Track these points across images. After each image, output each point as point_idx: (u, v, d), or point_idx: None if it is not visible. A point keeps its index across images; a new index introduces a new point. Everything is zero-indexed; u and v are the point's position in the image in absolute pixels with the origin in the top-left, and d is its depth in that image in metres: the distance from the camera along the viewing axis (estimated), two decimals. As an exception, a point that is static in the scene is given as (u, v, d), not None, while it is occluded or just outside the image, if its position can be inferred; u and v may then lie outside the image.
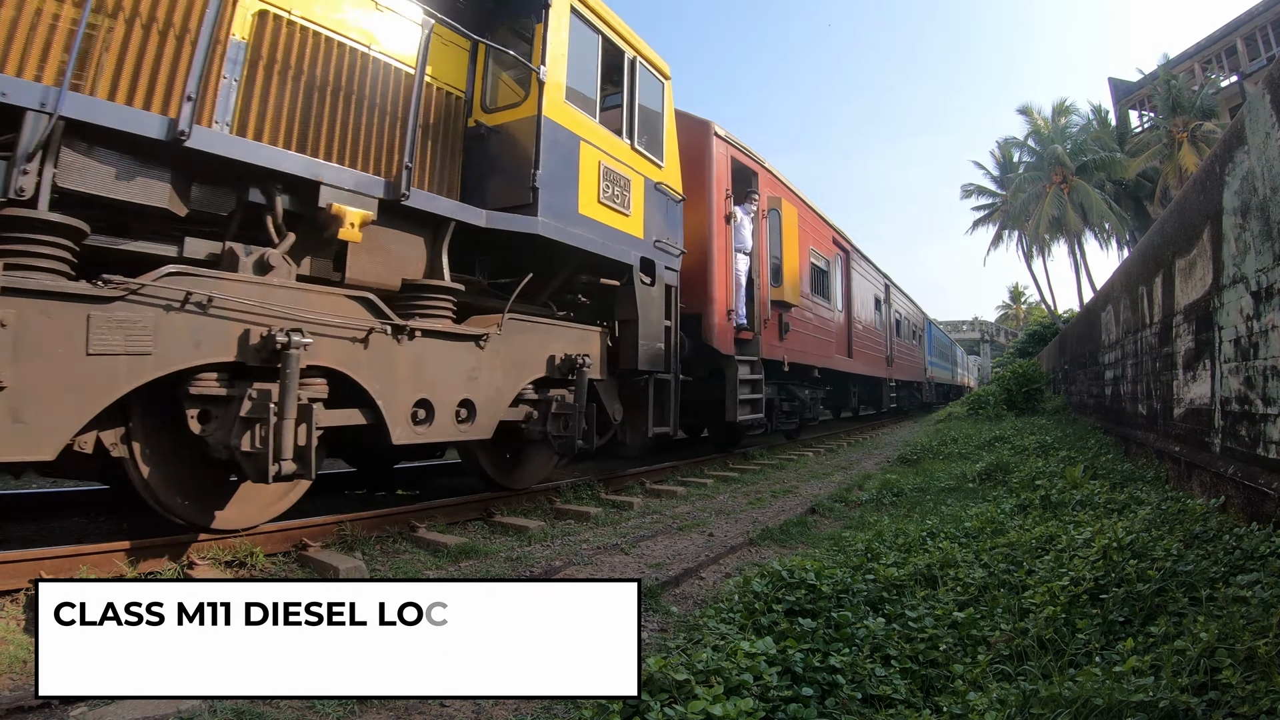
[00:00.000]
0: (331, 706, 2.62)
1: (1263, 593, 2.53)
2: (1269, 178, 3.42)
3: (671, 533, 5.53)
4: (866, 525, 5.57)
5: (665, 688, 2.30)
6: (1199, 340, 4.75)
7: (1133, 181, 32.08)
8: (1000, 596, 3.17)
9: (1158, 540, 3.44)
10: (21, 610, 3.29)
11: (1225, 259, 4.13)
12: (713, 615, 3.29)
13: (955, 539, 4.39)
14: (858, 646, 2.71)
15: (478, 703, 2.73)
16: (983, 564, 3.71)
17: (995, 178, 40.43)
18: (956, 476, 7.59)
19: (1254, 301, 3.67)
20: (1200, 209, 4.69)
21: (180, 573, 3.82)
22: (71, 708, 2.46)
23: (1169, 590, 2.84)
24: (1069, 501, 5.17)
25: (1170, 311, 5.58)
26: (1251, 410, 3.75)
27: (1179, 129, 28.71)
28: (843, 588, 3.27)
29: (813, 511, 6.44)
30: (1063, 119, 35.33)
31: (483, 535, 5.37)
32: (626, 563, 4.64)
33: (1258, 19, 28.96)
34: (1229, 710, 1.93)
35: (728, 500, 7.14)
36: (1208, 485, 4.38)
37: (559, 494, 6.65)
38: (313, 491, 6.71)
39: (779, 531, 5.60)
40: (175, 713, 2.40)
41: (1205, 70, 32.04)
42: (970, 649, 2.73)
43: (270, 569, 4.15)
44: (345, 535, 4.72)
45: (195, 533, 4.07)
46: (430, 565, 4.42)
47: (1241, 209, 3.83)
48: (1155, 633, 2.51)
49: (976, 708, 2.14)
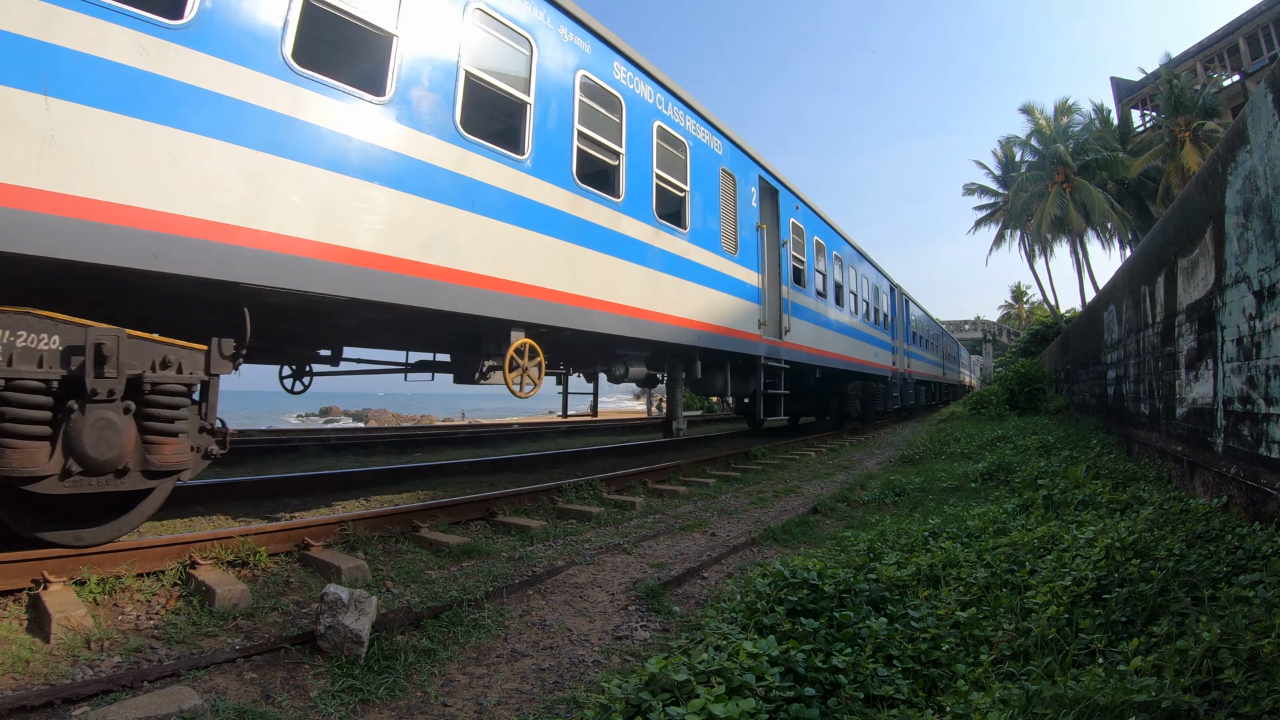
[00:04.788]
0: (333, 707, 2.63)
1: (1265, 593, 2.52)
2: (1271, 177, 3.41)
3: (674, 532, 5.53)
4: (869, 525, 5.56)
5: (667, 687, 2.30)
6: (1201, 340, 4.74)
7: (1135, 181, 32.02)
8: (1003, 596, 3.17)
9: (1160, 540, 3.44)
10: (24, 610, 3.30)
11: (1228, 258, 4.12)
12: (715, 615, 3.29)
13: (958, 539, 4.39)
14: (860, 646, 2.71)
15: (479, 703, 2.73)
16: (985, 564, 3.70)
17: (997, 177, 40.39)
18: (959, 476, 7.58)
19: (1256, 301, 3.67)
20: (1202, 208, 4.68)
21: (183, 572, 3.83)
22: (74, 707, 2.46)
23: (1171, 590, 2.83)
24: (1071, 501, 5.16)
25: (1172, 311, 5.57)
26: (1254, 410, 3.74)
27: (1181, 128, 28.65)
28: (845, 587, 3.27)
29: (815, 511, 6.43)
30: (1065, 118, 35.26)
31: (485, 535, 5.38)
32: (629, 562, 4.64)
33: (1260, 18, 28.89)
34: (1231, 710, 1.93)
35: (730, 500, 7.14)
36: (1210, 485, 4.37)
37: (561, 493, 6.65)
38: (311, 490, 6.74)
39: (781, 531, 5.60)
40: (177, 712, 2.40)
41: (1207, 69, 31.98)
42: (973, 649, 2.73)
43: (273, 568, 4.15)
44: (348, 535, 4.73)
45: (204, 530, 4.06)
46: (433, 565, 4.42)
47: (1244, 208, 3.82)
48: (1158, 632, 2.50)
49: (979, 707, 2.14)
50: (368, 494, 6.91)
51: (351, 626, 2.98)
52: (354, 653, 2.96)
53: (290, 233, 4.00)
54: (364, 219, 4.42)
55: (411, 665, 2.98)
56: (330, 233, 4.22)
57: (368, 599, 3.10)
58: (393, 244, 4.58)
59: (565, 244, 6.14)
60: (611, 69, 6.94)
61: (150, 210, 3.42)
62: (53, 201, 3.11)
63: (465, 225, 5.13)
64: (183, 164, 3.54)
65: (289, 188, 4.00)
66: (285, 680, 2.81)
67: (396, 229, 4.61)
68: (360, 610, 3.04)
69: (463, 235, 5.10)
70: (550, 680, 2.94)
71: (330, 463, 9.29)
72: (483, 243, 5.27)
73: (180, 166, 3.53)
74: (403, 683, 2.84)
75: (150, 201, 3.42)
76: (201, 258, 3.60)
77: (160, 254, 3.44)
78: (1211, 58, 32.05)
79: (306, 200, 4.08)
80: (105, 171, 3.27)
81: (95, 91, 3.25)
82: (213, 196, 3.65)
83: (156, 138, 3.45)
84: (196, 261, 3.58)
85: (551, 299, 5.93)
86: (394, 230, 4.59)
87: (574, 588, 4.10)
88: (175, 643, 3.11)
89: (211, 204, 3.65)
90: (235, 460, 9.14)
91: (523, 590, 3.98)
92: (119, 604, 3.49)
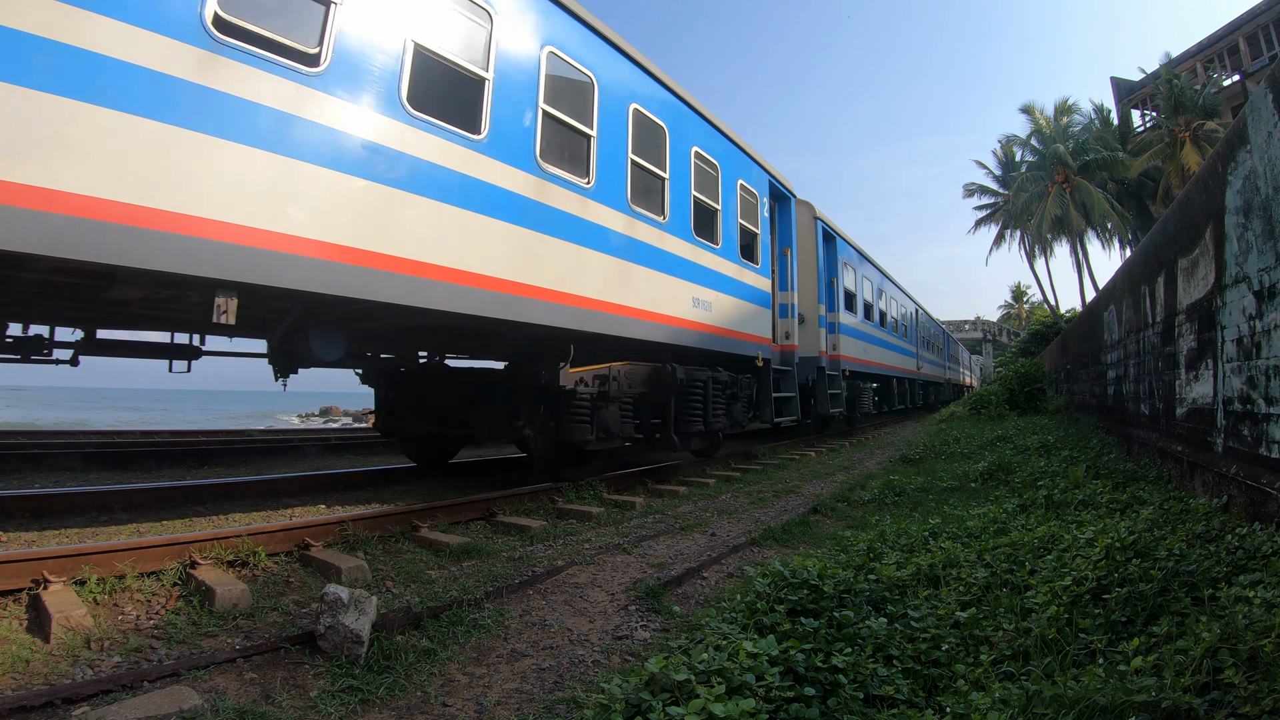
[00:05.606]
0: (333, 706, 2.63)
1: (1265, 593, 2.52)
2: (1271, 177, 3.41)
3: (674, 532, 5.53)
4: (869, 525, 5.56)
5: (667, 687, 2.30)
6: (1201, 340, 4.74)
7: (1135, 181, 32.02)
8: (1003, 596, 3.17)
9: (1160, 540, 3.44)
10: (24, 610, 3.30)
11: (1228, 258, 4.12)
12: (715, 615, 3.29)
13: (958, 539, 4.39)
14: (860, 646, 2.71)
15: (479, 703, 2.73)
16: (985, 564, 3.70)
17: (997, 177, 40.40)
18: (959, 476, 7.58)
19: (1256, 301, 3.66)
20: (1202, 208, 4.68)
21: (183, 572, 3.83)
22: (74, 707, 2.46)
23: (1171, 590, 2.83)
24: (1071, 501, 5.17)
25: (1172, 311, 5.57)
26: (1254, 410, 3.74)
27: (1181, 128, 28.65)
28: (845, 587, 3.27)
29: (815, 511, 6.43)
30: (1065, 118, 35.26)
31: (485, 535, 5.38)
32: (629, 562, 4.64)
33: (1260, 18, 28.89)
34: (1231, 710, 1.93)
35: (730, 500, 7.14)
36: (1210, 485, 4.37)
37: (561, 493, 6.65)
38: (312, 490, 6.74)
39: (781, 531, 5.60)
40: (177, 712, 2.40)
41: (1208, 69, 31.98)
42: (973, 649, 2.72)
43: (273, 568, 4.15)
44: (348, 535, 4.73)
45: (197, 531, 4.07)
46: (433, 565, 4.42)
47: (1244, 208, 3.82)
48: (1158, 632, 2.50)
49: (979, 708, 2.13)
50: (367, 494, 6.91)
51: (351, 626, 2.98)
52: (354, 653, 2.96)
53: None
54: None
55: (411, 665, 2.98)
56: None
57: (368, 599, 3.10)
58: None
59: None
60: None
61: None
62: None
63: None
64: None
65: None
66: (285, 680, 2.81)
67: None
68: (360, 610, 3.04)
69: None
70: (550, 680, 2.94)
71: (330, 462, 9.29)
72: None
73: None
74: (403, 683, 2.84)
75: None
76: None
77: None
78: (1211, 58, 32.05)
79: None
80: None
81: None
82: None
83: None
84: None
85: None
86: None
87: (574, 588, 4.10)
88: (175, 643, 3.11)
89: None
90: (237, 460, 9.15)
91: (523, 590, 3.98)
92: (119, 604, 3.49)
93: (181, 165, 3.61)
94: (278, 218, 4.00)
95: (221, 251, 3.75)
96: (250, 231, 3.86)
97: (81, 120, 3.27)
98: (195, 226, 3.65)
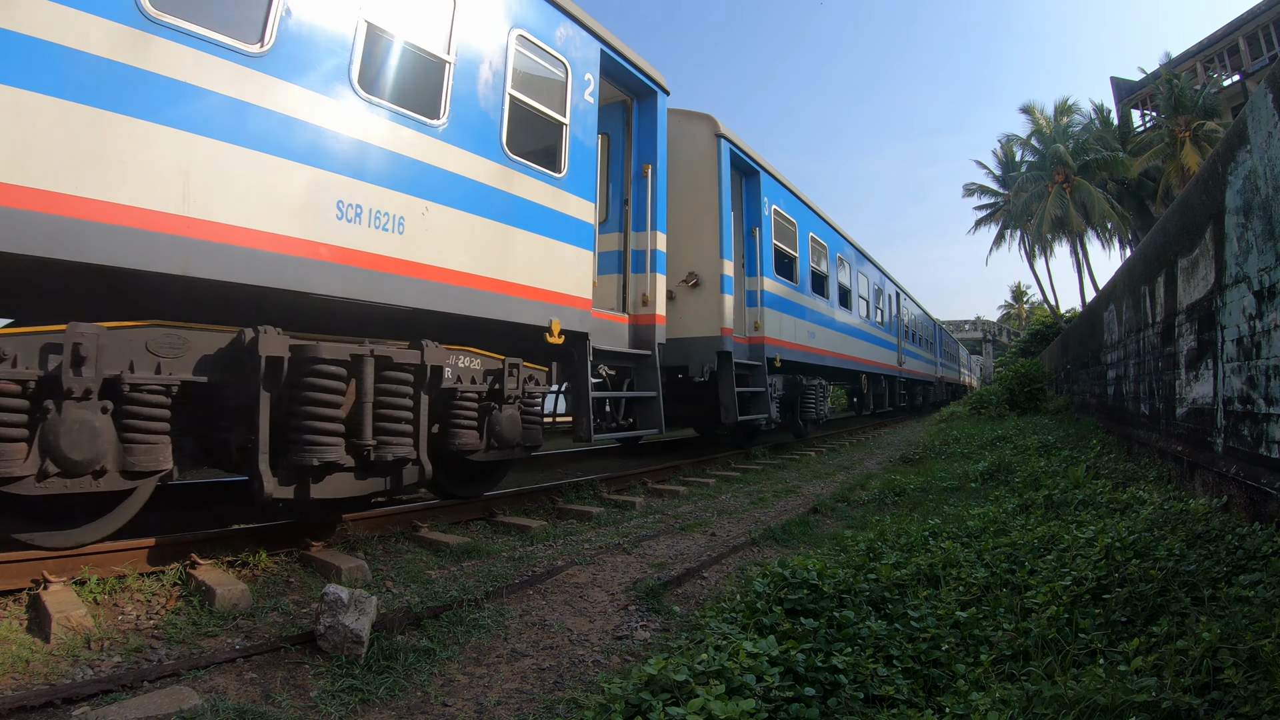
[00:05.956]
0: (333, 706, 2.63)
1: (1265, 592, 2.52)
2: (1271, 177, 3.41)
3: (674, 532, 5.53)
4: (869, 525, 5.56)
5: (667, 688, 2.30)
6: (1201, 340, 4.74)
7: (1135, 181, 32.03)
8: (1003, 596, 3.17)
9: (1160, 540, 3.44)
10: (24, 610, 3.30)
11: (1228, 258, 4.12)
12: (715, 615, 3.29)
13: (957, 539, 4.39)
14: (860, 646, 2.71)
15: (479, 703, 2.74)
16: (985, 564, 3.70)
17: (997, 177, 40.41)
18: (959, 476, 7.58)
19: (1256, 301, 3.66)
20: (1202, 208, 4.68)
21: (183, 572, 3.83)
22: (74, 707, 2.46)
23: (1171, 590, 2.83)
24: (1071, 501, 5.17)
25: (1172, 311, 5.57)
26: (1254, 410, 3.74)
27: (1181, 128, 28.65)
28: (845, 587, 3.27)
29: (815, 511, 6.43)
30: (1065, 118, 35.27)
31: (485, 535, 5.38)
32: (629, 562, 4.64)
33: (1260, 18, 28.90)
34: (1231, 710, 1.93)
35: (730, 500, 7.14)
36: (1210, 485, 4.37)
37: (561, 493, 6.65)
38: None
39: (781, 531, 5.60)
40: (177, 712, 2.40)
41: (1207, 69, 31.98)
42: (973, 649, 2.72)
43: (273, 568, 4.15)
44: (348, 535, 4.72)
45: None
46: (433, 565, 4.42)
47: (1244, 208, 3.82)
48: (1158, 632, 2.50)
49: (979, 708, 2.14)
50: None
51: (351, 626, 2.98)
52: (354, 653, 2.96)
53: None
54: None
55: (411, 665, 2.98)
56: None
57: (368, 599, 3.10)
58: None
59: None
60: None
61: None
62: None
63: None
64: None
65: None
66: (285, 680, 2.81)
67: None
68: (360, 610, 3.04)
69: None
70: (550, 680, 2.94)
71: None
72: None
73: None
74: (403, 683, 2.84)
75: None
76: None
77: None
78: (1211, 58, 32.06)
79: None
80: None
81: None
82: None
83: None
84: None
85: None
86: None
87: (574, 588, 4.10)
88: (175, 642, 3.11)
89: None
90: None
91: (523, 590, 3.98)
92: (119, 604, 3.49)
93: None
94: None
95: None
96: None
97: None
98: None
